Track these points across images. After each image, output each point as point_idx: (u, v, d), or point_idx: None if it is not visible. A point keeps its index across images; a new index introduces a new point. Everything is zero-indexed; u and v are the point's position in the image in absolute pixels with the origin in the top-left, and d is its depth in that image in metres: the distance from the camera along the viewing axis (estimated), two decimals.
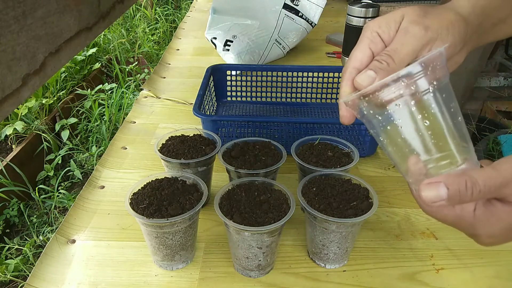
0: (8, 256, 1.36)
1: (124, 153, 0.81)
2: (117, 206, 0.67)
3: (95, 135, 1.88)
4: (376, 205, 0.51)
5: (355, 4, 1.11)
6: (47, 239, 1.38)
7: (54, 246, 0.59)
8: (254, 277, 0.54)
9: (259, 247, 0.50)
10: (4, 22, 0.27)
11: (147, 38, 2.80)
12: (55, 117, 1.92)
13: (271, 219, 0.49)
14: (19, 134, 1.73)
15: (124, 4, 0.52)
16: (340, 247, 0.53)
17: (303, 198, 0.53)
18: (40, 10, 0.31)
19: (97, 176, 0.74)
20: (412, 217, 0.65)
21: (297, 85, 0.99)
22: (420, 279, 0.54)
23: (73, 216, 0.65)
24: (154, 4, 3.20)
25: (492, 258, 0.58)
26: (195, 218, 0.53)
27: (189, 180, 0.56)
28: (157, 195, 0.52)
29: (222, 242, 0.60)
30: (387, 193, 0.71)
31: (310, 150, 0.64)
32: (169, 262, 0.55)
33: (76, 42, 0.38)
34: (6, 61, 0.28)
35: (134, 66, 2.41)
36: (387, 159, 0.80)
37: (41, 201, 1.55)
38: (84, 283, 0.54)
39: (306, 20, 1.23)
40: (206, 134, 0.67)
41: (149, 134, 0.88)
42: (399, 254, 0.58)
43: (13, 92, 0.29)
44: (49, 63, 0.33)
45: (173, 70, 1.21)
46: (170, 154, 0.61)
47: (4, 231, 1.46)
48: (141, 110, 0.97)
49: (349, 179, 0.57)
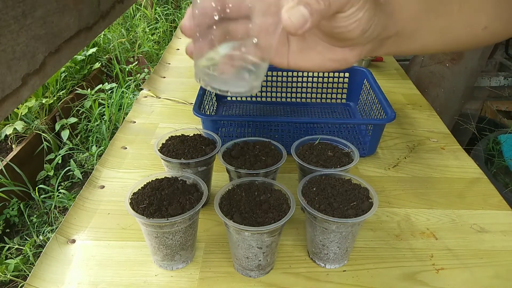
0: (8, 256, 1.36)
1: (124, 153, 0.81)
2: (117, 206, 0.67)
3: (95, 135, 1.88)
4: (376, 205, 0.51)
5: None
6: (47, 239, 1.38)
7: (54, 246, 0.59)
8: (254, 277, 0.54)
9: (259, 247, 0.50)
10: (4, 21, 0.27)
11: (147, 38, 2.80)
12: (55, 116, 1.92)
13: (271, 219, 0.49)
14: (19, 134, 1.73)
15: (124, 3, 0.52)
16: (340, 247, 0.53)
17: (303, 198, 0.52)
18: (40, 9, 0.31)
19: (97, 176, 0.74)
20: (412, 217, 0.65)
21: (297, 85, 0.99)
22: (420, 279, 0.54)
23: (73, 216, 0.65)
24: (154, 4, 3.20)
25: (492, 258, 0.58)
26: (195, 218, 0.53)
27: (189, 180, 0.56)
28: (157, 195, 0.52)
29: (222, 242, 0.60)
30: (387, 193, 0.71)
31: (310, 150, 0.64)
32: (169, 262, 0.55)
33: (76, 41, 0.38)
34: (6, 61, 0.28)
35: (134, 65, 2.41)
36: (387, 159, 0.80)
37: (41, 201, 1.55)
38: (84, 283, 0.54)
39: None
40: (206, 134, 0.67)
41: (149, 134, 0.88)
42: (399, 254, 0.58)
43: (13, 92, 0.29)
44: (49, 62, 0.33)
45: (173, 70, 1.21)
46: (170, 154, 0.61)
47: (4, 231, 1.46)
48: (141, 110, 0.97)
49: (349, 179, 0.57)
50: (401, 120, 0.94)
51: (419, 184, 0.73)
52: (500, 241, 0.61)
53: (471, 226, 0.64)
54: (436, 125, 0.92)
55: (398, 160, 0.79)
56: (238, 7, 0.33)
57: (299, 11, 0.31)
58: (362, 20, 0.35)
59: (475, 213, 0.66)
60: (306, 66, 0.40)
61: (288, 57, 0.40)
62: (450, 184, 0.73)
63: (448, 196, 0.70)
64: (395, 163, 0.79)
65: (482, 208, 0.67)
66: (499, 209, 0.67)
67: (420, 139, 0.86)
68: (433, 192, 0.71)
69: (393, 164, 0.78)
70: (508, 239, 0.61)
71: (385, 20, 0.38)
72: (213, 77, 0.35)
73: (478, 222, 0.64)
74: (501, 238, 0.61)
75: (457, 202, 0.69)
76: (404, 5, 0.39)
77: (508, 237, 0.61)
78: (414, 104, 1.02)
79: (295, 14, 0.31)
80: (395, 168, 0.77)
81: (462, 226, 0.63)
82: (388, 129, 0.89)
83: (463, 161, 0.79)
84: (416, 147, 0.84)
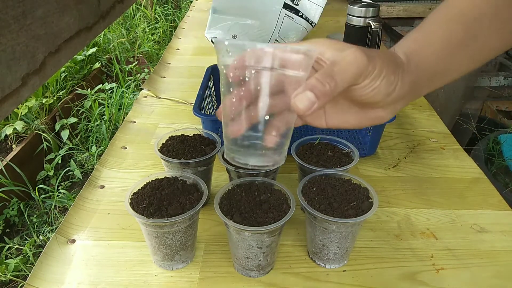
0: (8, 256, 1.36)
1: (124, 153, 0.81)
2: (117, 206, 0.67)
3: (95, 135, 1.88)
4: (376, 205, 0.51)
5: (355, 4, 1.11)
6: (47, 239, 1.38)
7: (54, 246, 0.59)
8: (254, 277, 0.54)
9: (259, 247, 0.50)
10: (4, 21, 0.27)
11: (147, 38, 2.80)
12: (55, 116, 1.92)
13: (271, 219, 0.49)
14: (19, 134, 1.73)
15: (124, 3, 0.52)
16: (340, 247, 0.53)
17: (303, 198, 0.52)
18: (40, 9, 0.31)
19: (97, 176, 0.74)
20: (412, 217, 0.65)
21: None
22: (420, 279, 0.54)
23: (73, 216, 0.65)
24: (154, 4, 3.20)
25: (492, 258, 0.58)
26: (195, 218, 0.53)
27: (189, 180, 0.56)
28: (157, 195, 0.52)
29: (222, 242, 0.60)
30: (387, 193, 0.71)
31: (310, 150, 0.64)
32: (169, 262, 0.55)
33: (76, 41, 0.38)
34: (5, 61, 0.28)
35: (134, 65, 2.41)
36: (387, 159, 0.80)
37: (41, 201, 1.55)
38: (84, 283, 0.54)
39: (306, 20, 1.22)
40: (206, 134, 0.67)
41: (149, 134, 0.88)
42: (399, 254, 0.58)
43: (13, 91, 0.29)
44: (49, 62, 0.33)
45: (173, 69, 1.21)
46: (170, 154, 0.61)
47: (4, 231, 1.46)
48: (141, 110, 0.97)
49: (349, 179, 0.57)
50: (401, 120, 0.94)
51: (419, 184, 0.73)
52: (500, 241, 0.61)
53: (471, 226, 0.64)
54: (436, 125, 0.92)
55: (398, 160, 0.79)
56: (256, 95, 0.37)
57: (305, 96, 0.34)
58: (381, 87, 0.36)
59: (475, 213, 0.66)
60: (343, 126, 0.42)
61: (325, 119, 0.41)
62: (450, 184, 0.73)
63: (448, 196, 0.70)
64: (395, 163, 0.79)
65: (482, 208, 0.67)
66: (499, 209, 0.67)
67: (420, 139, 0.86)
68: (433, 192, 0.71)
69: (393, 164, 0.78)
70: (508, 239, 0.61)
71: (410, 77, 0.38)
72: (240, 153, 0.40)
73: (478, 222, 0.64)
74: (501, 238, 0.61)
75: (457, 202, 0.69)
76: (429, 55, 0.40)
77: (508, 237, 0.61)
78: (414, 104, 1.02)
79: (302, 99, 0.34)
80: (395, 168, 0.77)
81: (462, 226, 0.63)
82: (388, 129, 0.89)
83: (463, 161, 0.79)
84: (416, 147, 0.84)
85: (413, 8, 2.30)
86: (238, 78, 0.36)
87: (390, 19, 2.33)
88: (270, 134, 0.38)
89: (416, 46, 0.40)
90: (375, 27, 1.07)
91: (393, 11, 2.31)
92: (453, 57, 0.40)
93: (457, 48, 0.40)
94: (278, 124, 0.38)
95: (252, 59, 0.35)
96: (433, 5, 2.28)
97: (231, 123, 0.38)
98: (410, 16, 2.32)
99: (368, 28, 1.09)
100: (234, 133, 0.38)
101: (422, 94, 0.42)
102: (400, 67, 0.38)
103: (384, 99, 0.37)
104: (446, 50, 0.40)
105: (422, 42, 0.41)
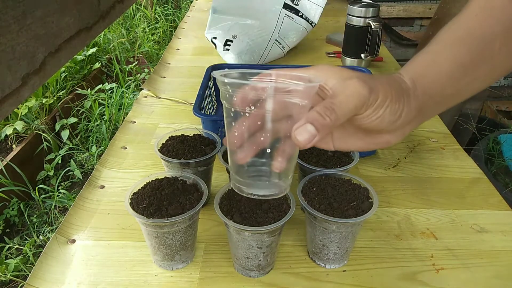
0: (8, 256, 1.36)
1: (124, 153, 0.81)
2: (117, 206, 0.67)
3: (95, 135, 1.88)
4: (376, 205, 0.51)
5: (355, 4, 1.11)
6: (47, 239, 1.38)
7: (54, 246, 0.59)
8: (254, 277, 0.54)
9: (259, 247, 0.50)
10: (4, 21, 0.27)
11: (147, 38, 2.80)
12: (55, 116, 1.92)
13: (271, 219, 0.49)
14: (19, 134, 1.73)
15: (124, 3, 0.52)
16: (340, 247, 0.53)
17: (303, 198, 0.52)
18: (40, 9, 0.31)
19: (97, 176, 0.74)
20: (412, 217, 0.65)
21: None
22: (420, 279, 0.54)
23: (73, 216, 0.65)
24: (154, 4, 3.20)
25: (492, 258, 0.58)
26: (195, 218, 0.53)
27: (189, 180, 0.56)
28: (157, 195, 0.52)
29: (222, 242, 0.60)
30: (387, 193, 0.71)
31: (310, 150, 0.64)
32: (169, 262, 0.55)
33: (76, 41, 0.38)
34: (6, 61, 0.28)
35: (134, 65, 2.41)
36: (387, 159, 0.80)
37: (41, 201, 1.55)
38: (84, 283, 0.54)
39: (306, 20, 1.23)
40: (206, 134, 0.67)
41: (149, 134, 0.88)
42: (399, 254, 0.58)
43: (13, 91, 0.29)
44: (49, 62, 0.33)
45: (173, 69, 1.20)
46: (170, 154, 0.61)
47: (4, 231, 1.46)
48: (141, 110, 0.97)
49: (349, 179, 0.57)
50: None
51: (419, 184, 0.73)
52: (500, 241, 0.61)
53: (471, 226, 0.64)
54: (436, 125, 0.92)
55: (398, 160, 0.79)
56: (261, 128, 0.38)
57: (305, 129, 0.34)
58: (385, 115, 0.36)
59: (475, 213, 0.66)
60: (351, 149, 0.43)
61: (333, 143, 0.42)
62: (450, 184, 0.73)
63: (448, 196, 0.70)
64: (395, 163, 0.79)
65: (482, 208, 0.67)
66: (499, 209, 0.67)
67: (420, 139, 0.86)
68: (433, 192, 0.71)
69: (393, 164, 0.78)
70: (508, 239, 0.61)
71: (417, 102, 0.38)
72: (246, 183, 0.42)
73: (478, 222, 0.64)
74: (501, 238, 0.61)
75: (457, 202, 0.69)
76: (436, 79, 0.39)
77: (508, 237, 0.61)
78: None
79: (302, 132, 0.34)
80: (395, 168, 0.77)
81: (462, 226, 0.63)
82: None
83: (463, 161, 0.79)
84: (416, 147, 0.84)
85: (413, 8, 2.30)
86: (240, 113, 0.38)
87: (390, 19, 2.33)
88: (276, 160, 0.39)
89: (423, 69, 0.39)
90: (375, 27, 1.07)
91: (393, 11, 2.31)
92: (461, 80, 0.39)
93: (465, 70, 0.39)
94: (283, 148, 0.39)
95: (252, 95, 0.36)
96: (433, 5, 2.28)
97: (237, 150, 0.39)
98: (410, 16, 2.33)
99: (368, 28, 1.10)
100: (240, 160, 0.39)
101: (430, 117, 0.41)
102: (406, 94, 0.37)
103: (389, 126, 0.37)
104: (454, 73, 0.39)
105: (429, 65, 0.40)
